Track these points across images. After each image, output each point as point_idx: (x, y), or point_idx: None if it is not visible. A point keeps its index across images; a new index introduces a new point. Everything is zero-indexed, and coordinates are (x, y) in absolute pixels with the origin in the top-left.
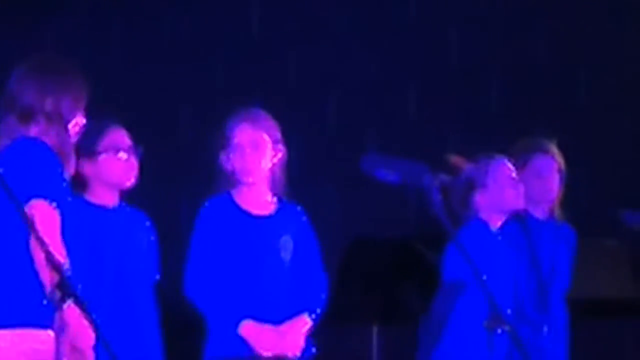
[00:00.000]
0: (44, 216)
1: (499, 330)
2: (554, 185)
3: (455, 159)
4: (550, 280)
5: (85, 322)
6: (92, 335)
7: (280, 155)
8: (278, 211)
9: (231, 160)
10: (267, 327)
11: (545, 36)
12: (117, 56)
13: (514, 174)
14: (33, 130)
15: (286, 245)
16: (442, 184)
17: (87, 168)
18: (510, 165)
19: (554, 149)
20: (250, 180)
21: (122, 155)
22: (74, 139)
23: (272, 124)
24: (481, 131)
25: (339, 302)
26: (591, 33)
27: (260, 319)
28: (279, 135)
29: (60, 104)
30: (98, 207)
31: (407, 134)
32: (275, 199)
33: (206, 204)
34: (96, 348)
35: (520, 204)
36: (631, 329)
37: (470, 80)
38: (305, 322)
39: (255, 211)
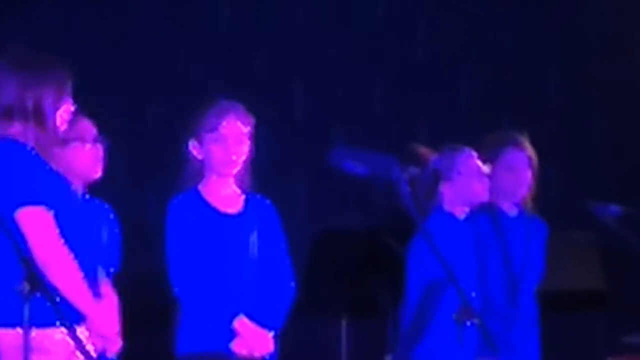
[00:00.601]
0: (34, 222)
1: (468, 323)
2: (526, 178)
3: (422, 150)
4: (522, 275)
5: (111, 310)
6: (117, 322)
7: (247, 149)
8: (246, 207)
9: (210, 150)
10: (260, 328)
11: (515, 30)
12: (85, 49)
13: (480, 167)
14: (15, 128)
15: (255, 243)
16: (411, 177)
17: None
18: (476, 157)
19: (525, 143)
20: (228, 172)
21: (88, 146)
22: (62, 128)
23: (250, 118)
24: (450, 126)
25: (308, 295)
26: (560, 27)
27: (234, 315)
28: (252, 130)
29: (42, 98)
30: None
31: (376, 127)
32: (243, 194)
33: (173, 201)
34: None
35: (485, 197)
36: (601, 320)
37: (439, 74)
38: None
39: (224, 208)
